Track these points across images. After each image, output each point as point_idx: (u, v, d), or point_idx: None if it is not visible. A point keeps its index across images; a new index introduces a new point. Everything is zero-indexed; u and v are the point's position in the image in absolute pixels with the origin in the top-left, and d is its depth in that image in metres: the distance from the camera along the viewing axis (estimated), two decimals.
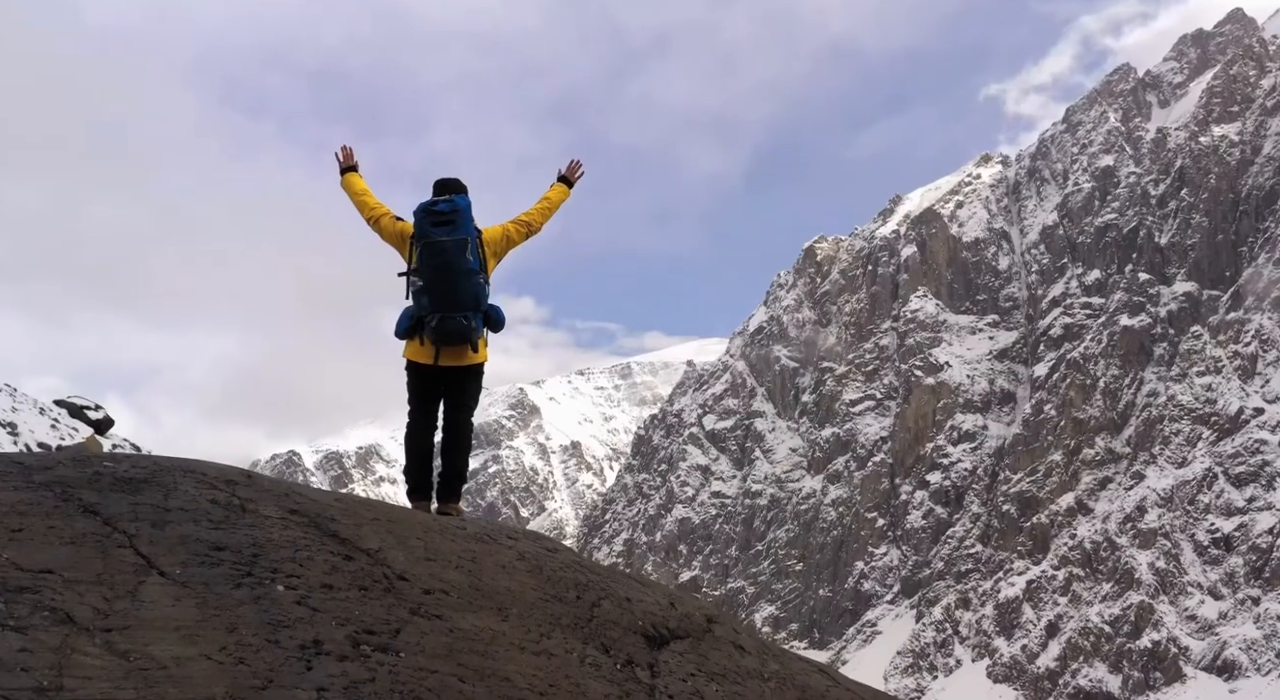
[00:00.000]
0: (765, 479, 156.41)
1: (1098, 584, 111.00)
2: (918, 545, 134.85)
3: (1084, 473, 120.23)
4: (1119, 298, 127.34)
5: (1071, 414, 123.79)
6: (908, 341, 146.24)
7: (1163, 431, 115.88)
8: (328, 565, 3.64)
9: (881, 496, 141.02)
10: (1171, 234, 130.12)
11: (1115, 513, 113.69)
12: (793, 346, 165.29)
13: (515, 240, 6.92)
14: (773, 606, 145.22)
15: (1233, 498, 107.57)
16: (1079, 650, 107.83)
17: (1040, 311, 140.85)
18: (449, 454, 6.61)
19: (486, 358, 6.66)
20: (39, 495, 3.50)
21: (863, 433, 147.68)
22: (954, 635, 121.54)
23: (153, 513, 3.58)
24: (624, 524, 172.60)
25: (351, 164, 7.21)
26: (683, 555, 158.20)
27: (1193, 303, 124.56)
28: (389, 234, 6.75)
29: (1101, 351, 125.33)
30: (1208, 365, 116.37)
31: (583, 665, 3.72)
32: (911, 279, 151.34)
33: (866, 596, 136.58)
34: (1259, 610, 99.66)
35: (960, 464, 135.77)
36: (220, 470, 4.19)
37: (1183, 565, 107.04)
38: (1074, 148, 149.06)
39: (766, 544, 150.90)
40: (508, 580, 4.15)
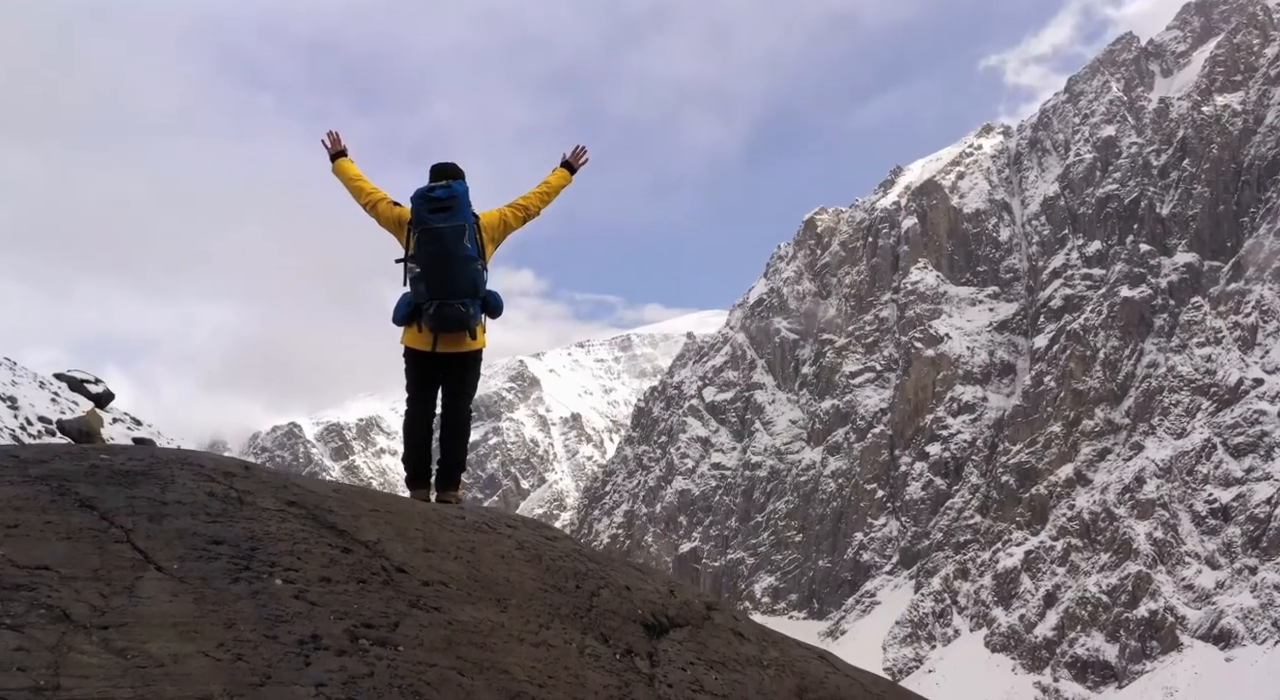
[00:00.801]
0: (765, 451, 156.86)
1: (1096, 554, 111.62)
2: (917, 516, 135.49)
3: (1083, 444, 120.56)
4: (1119, 269, 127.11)
5: (1071, 385, 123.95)
6: (908, 313, 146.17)
7: (1162, 402, 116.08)
8: (326, 558, 3.62)
9: (881, 468, 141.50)
10: (1173, 205, 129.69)
11: (1114, 483, 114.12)
12: (793, 318, 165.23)
13: (513, 226, 6.85)
14: (772, 577, 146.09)
15: (1231, 468, 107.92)
16: (1076, 620, 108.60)
17: (1041, 283, 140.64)
18: (448, 442, 6.58)
19: (485, 344, 6.61)
20: (35, 489, 3.47)
21: (862, 404, 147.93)
22: (952, 605, 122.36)
23: (150, 506, 3.56)
24: (624, 495, 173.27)
25: (340, 149, 7.11)
26: (682, 526, 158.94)
27: (1193, 274, 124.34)
28: (386, 220, 6.67)
29: (1102, 323, 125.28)
30: (1208, 336, 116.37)
31: (582, 656, 3.71)
32: (912, 251, 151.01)
33: (865, 567, 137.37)
34: (1256, 579, 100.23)
35: (960, 435, 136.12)
36: (218, 462, 4.16)
37: (1180, 535, 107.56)
38: (1076, 118, 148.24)
39: (766, 515, 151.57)
40: (507, 570, 4.14)
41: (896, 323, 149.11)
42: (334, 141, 7.12)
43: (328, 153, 7.11)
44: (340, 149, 7.10)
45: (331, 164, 7.09)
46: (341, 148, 7.11)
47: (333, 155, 7.09)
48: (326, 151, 7.12)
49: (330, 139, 7.14)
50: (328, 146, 7.11)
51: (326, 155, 7.13)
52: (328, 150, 7.11)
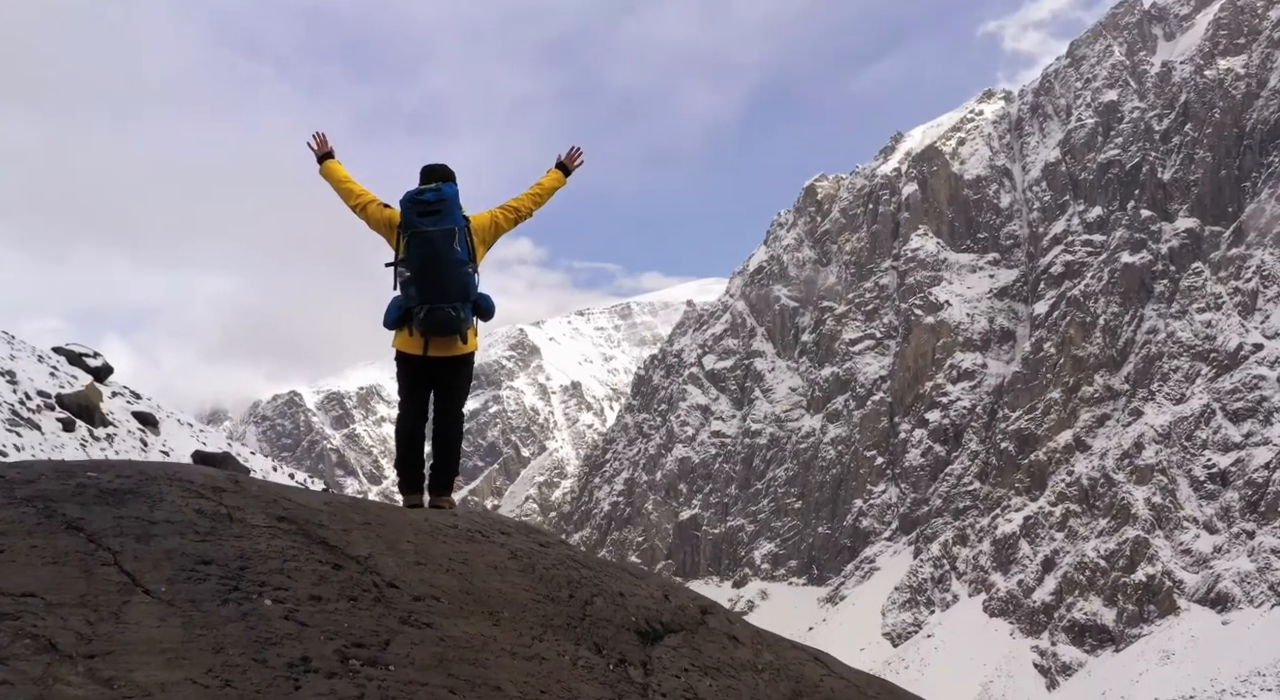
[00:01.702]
0: (765, 418, 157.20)
1: (1094, 520, 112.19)
2: (916, 483, 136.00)
3: (1082, 410, 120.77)
4: (1120, 235, 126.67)
5: (1071, 352, 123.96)
6: (908, 280, 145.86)
7: (1161, 368, 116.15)
8: (316, 575, 3.59)
9: (880, 435, 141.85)
10: (1174, 170, 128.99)
11: (1113, 449, 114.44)
12: (793, 286, 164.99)
13: (504, 227, 6.79)
14: (772, 544, 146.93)
15: (1230, 433, 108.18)
16: (1074, 584, 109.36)
17: (1041, 249, 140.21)
18: (440, 446, 6.55)
19: (476, 347, 6.58)
20: (21, 512, 3.44)
21: (862, 372, 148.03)
22: (951, 571, 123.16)
23: (138, 526, 3.52)
24: (624, 463, 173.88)
25: (327, 150, 7.03)
26: (683, 494, 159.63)
27: (1194, 239, 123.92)
28: (375, 222, 6.61)
29: (1102, 289, 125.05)
30: (1208, 302, 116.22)
31: (575, 668, 3.69)
32: (912, 217, 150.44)
33: (865, 533, 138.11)
34: (1253, 544, 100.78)
35: (959, 402, 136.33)
36: (207, 477, 4.12)
37: (1179, 500, 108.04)
38: (1077, 83, 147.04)
39: (766, 482, 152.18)
40: (499, 582, 4.11)
41: (896, 290, 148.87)
42: (320, 143, 7.04)
43: (315, 155, 7.03)
44: (327, 150, 7.03)
45: (319, 165, 7.01)
46: (328, 149, 7.03)
47: (319, 157, 7.01)
48: (313, 154, 7.03)
49: (317, 141, 7.05)
50: (314, 149, 7.03)
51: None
52: (314, 152, 7.03)
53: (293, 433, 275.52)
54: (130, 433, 26.51)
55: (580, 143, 7.23)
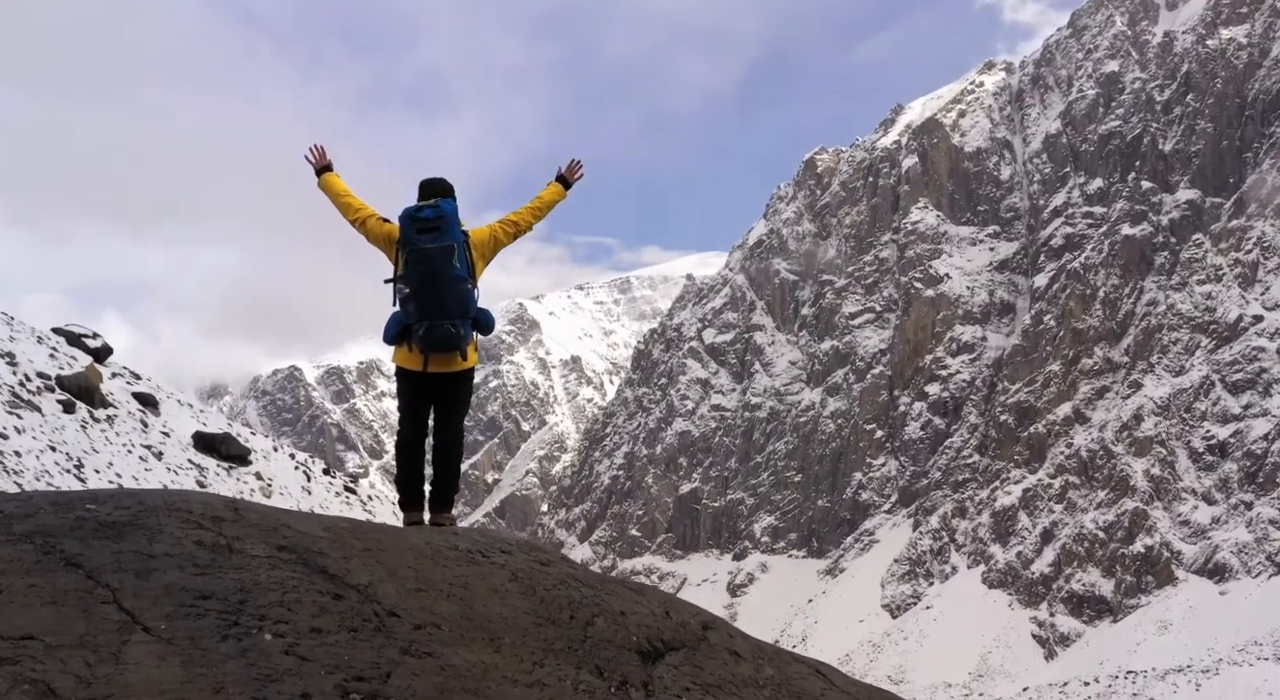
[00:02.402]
0: (765, 392, 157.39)
1: (1093, 492, 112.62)
2: (915, 456, 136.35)
3: (1082, 382, 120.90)
4: (1121, 207, 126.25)
5: (1071, 324, 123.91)
6: (908, 253, 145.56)
7: (1161, 340, 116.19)
8: (316, 607, 3.58)
9: (880, 408, 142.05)
10: (1176, 141, 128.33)
11: (1112, 421, 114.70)
12: (792, 259, 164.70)
13: (503, 242, 6.77)
14: (772, 517, 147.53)
15: (1229, 405, 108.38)
16: (1073, 556, 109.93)
17: (1041, 222, 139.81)
18: (440, 463, 6.56)
19: (476, 363, 6.57)
20: (19, 549, 3.41)
21: (862, 345, 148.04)
22: (950, 543, 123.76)
23: (137, 561, 3.51)
24: (624, 437, 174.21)
25: (326, 163, 6.98)
26: (683, 468, 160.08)
27: (1195, 210, 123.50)
28: (375, 237, 6.58)
29: (1102, 261, 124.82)
30: (1208, 273, 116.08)
31: (576, 692, 3.68)
32: (912, 190, 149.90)
33: (864, 506, 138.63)
34: (1251, 514, 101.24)
35: (959, 375, 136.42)
36: (206, 505, 4.10)
37: (1177, 472, 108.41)
38: (1079, 53, 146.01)
39: (766, 456, 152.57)
40: (500, 606, 4.10)
41: (896, 263, 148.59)
42: (319, 156, 6.99)
43: (313, 168, 6.98)
44: (325, 163, 6.98)
45: (317, 179, 6.97)
46: (327, 162, 6.98)
47: (318, 170, 6.96)
48: (311, 167, 6.98)
49: (315, 154, 7.01)
50: (312, 162, 6.98)
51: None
52: (313, 165, 6.97)
53: (293, 407, 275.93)
54: (130, 414, 26.54)
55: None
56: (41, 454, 19.38)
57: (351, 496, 35.97)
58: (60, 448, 20.38)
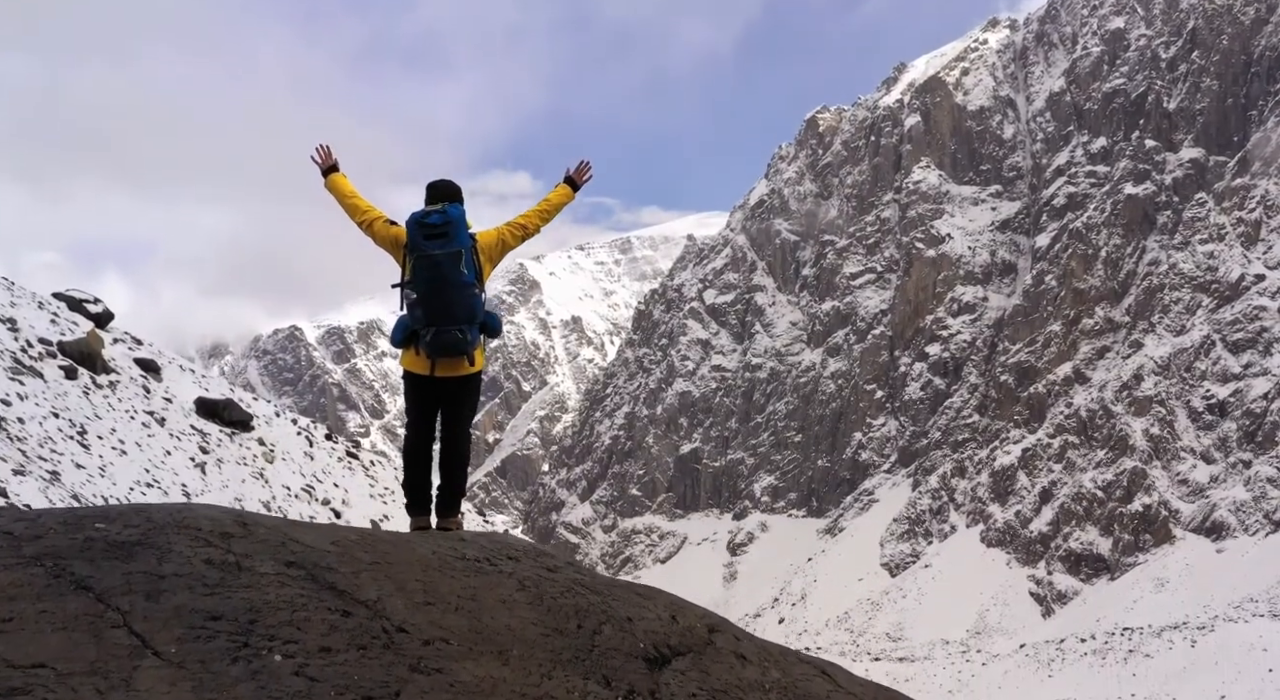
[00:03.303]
0: (765, 352, 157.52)
1: (1092, 451, 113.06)
2: (915, 416, 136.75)
3: (1083, 342, 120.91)
4: (1124, 165, 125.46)
5: (1072, 284, 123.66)
6: (909, 213, 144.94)
7: (1162, 300, 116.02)
8: (325, 625, 3.59)
9: (880, 369, 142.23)
10: (1180, 99, 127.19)
11: (1112, 381, 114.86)
12: (794, 220, 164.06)
13: (511, 245, 6.73)
14: (772, 476, 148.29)
15: (1229, 364, 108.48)
16: (1071, 515, 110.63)
17: (1044, 181, 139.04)
18: (448, 468, 6.57)
19: (483, 366, 6.56)
20: (29, 573, 3.42)
21: (863, 306, 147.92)
22: (949, 502, 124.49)
23: (146, 582, 3.51)
24: (625, 398, 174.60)
25: (332, 163, 6.91)
26: (683, 428, 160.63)
27: (1199, 169, 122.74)
28: (382, 239, 6.55)
29: (1104, 221, 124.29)
30: (1211, 233, 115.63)
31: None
32: (914, 150, 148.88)
33: (864, 466, 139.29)
34: (1249, 473, 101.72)
35: (960, 336, 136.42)
36: (215, 521, 4.10)
37: (1176, 431, 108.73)
38: (1084, 10, 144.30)
39: (766, 416, 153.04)
40: (508, 617, 4.12)
41: (898, 223, 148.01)
42: (325, 156, 6.93)
43: (319, 168, 6.92)
44: (331, 163, 6.92)
45: (323, 179, 6.91)
46: (333, 162, 6.92)
47: (324, 170, 6.91)
48: (317, 167, 6.92)
49: (321, 154, 6.94)
50: (318, 162, 6.92)
51: (318, 170, 6.94)
52: (318, 166, 6.92)
53: (294, 367, 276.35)
54: (133, 379, 26.57)
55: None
56: (44, 421, 19.40)
57: (354, 461, 36.12)
58: (63, 414, 20.39)
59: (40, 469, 16.46)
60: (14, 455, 16.37)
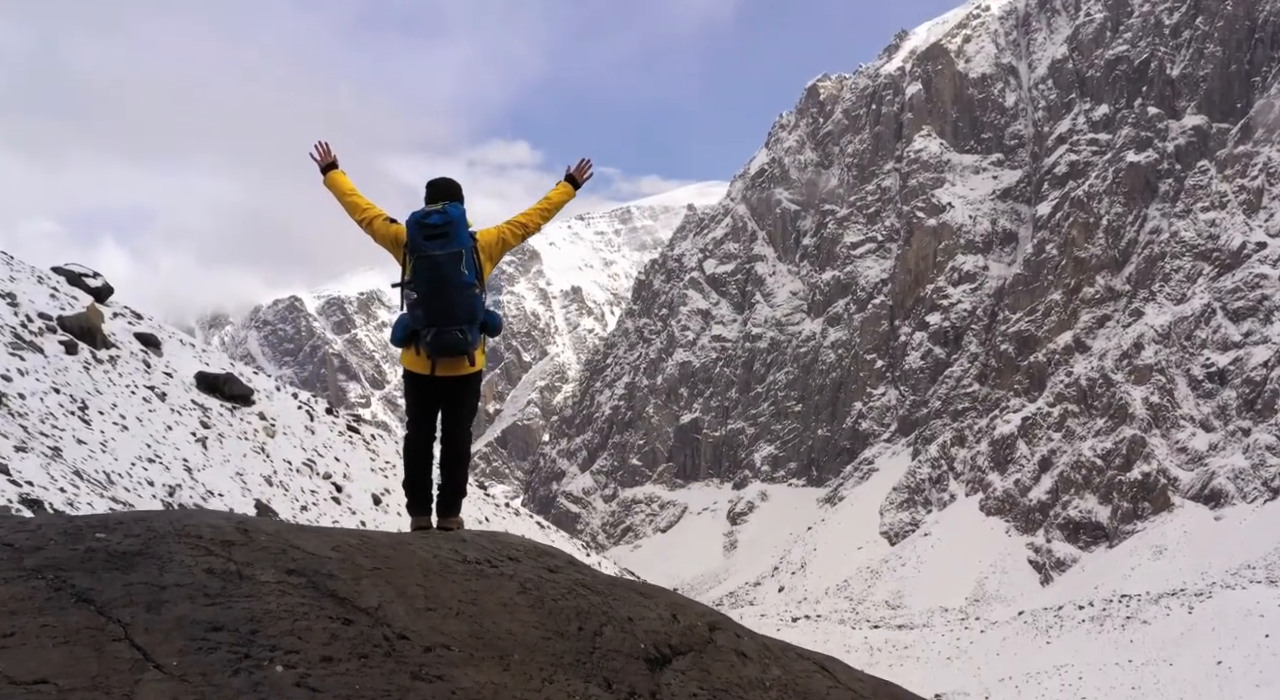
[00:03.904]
0: (765, 322, 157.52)
1: (1091, 420, 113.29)
2: (915, 385, 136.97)
3: (1083, 311, 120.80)
4: (1126, 133, 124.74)
5: (1073, 253, 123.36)
6: (910, 182, 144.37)
7: (1164, 268, 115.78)
8: (326, 634, 3.59)
9: (881, 338, 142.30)
10: (1184, 65, 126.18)
11: (1112, 350, 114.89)
12: (794, 189, 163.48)
13: (511, 243, 6.74)
14: (772, 446, 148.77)
15: (1229, 332, 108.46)
16: (1070, 483, 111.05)
17: (1046, 149, 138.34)
18: (448, 467, 6.60)
19: (484, 365, 6.57)
20: (30, 586, 3.42)
21: (863, 275, 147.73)
22: (949, 471, 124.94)
23: (147, 593, 3.51)
24: (625, 368, 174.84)
25: (331, 160, 6.89)
26: (683, 398, 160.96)
27: (1201, 137, 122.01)
28: (382, 238, 6.54)
29: (1106, 189, 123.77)
30: (1213, 200, 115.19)
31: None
32: (916, 118, 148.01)
33: (864, 436, 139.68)
34: (1249, 441, 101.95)
35: (960, 305, 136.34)
36: (215, 529, 4.09)
37: (1176, 399, 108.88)
38: None
39: (766, 386, 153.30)
40: (509, 621, 4.13)
41: (899, 192, 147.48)
42: (324, 154, 6.90)
43: (318, 165, 6.89)
44: (331, 160, 6.89)
45: (322, 176, 6.89)
46: (332, 159, 6.90)
47: (323, 168, 6.88)
48: (316, 164, 6.90)
49: (320, 150, 6.91)
50: (317, 159, 6.89)
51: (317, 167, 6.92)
52: (317, 163, 6.89)
53: (294, 338, 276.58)
54: (133, 354, 26.58)
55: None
56: (45, 396, 19.40)
57: (355, 436, 36.20)
58: (64, 390, 20.39)
59: (42, 445, 16.49)
60: (15, 431, 16.37)
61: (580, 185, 7.19)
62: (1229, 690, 68.95)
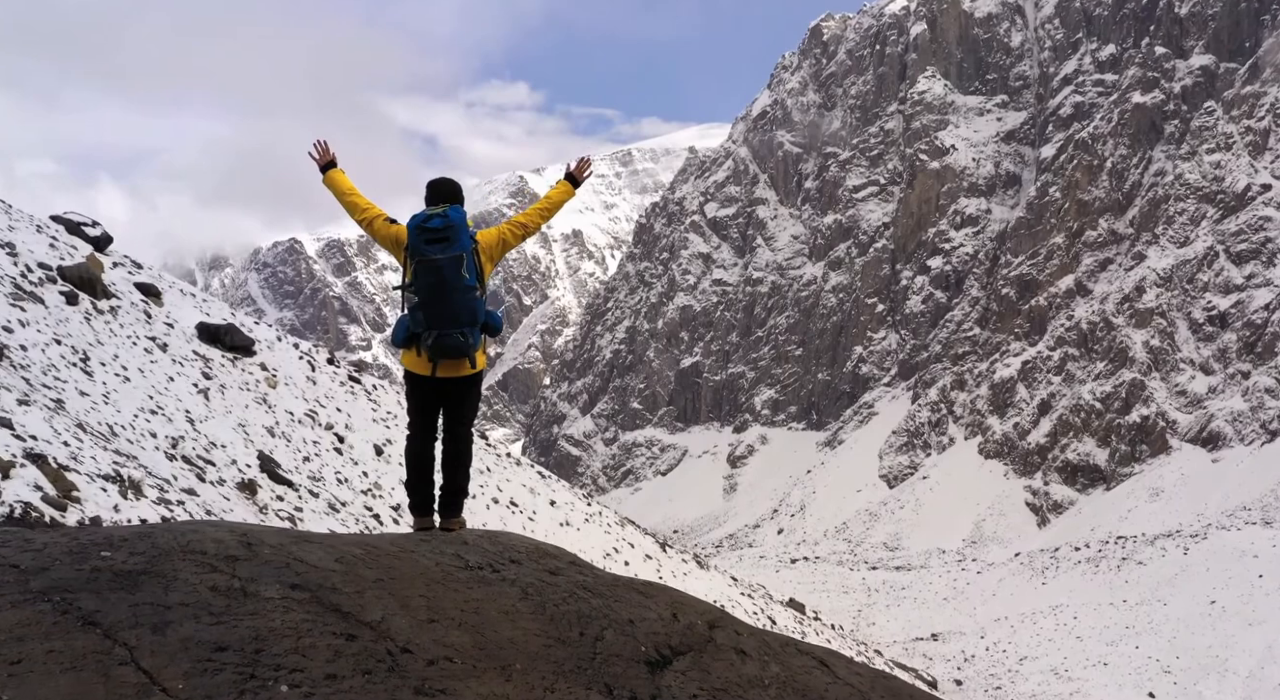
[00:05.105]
0: (766, 266, 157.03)
1: (1092, 363, 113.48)
2: (916, 330, 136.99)
3: (1085, 255, 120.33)
4: (1133, 73, 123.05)
5: (1076, 196, 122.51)
6: (913, 125, 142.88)
7: (1167, 211, 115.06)
8: (330, 651, 3.63)
9: (882, 282, 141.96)
10: (1192, 3, 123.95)
11: (1113, 293, 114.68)
12: (796, 131, 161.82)
13: (511, 243, 6.72)
14: (772, 390, 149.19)
15: (1232, 275, 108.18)
16: (1069, 426, 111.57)
17: (1051, 90, 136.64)
18: (450, 468, 6.63)
19: (484, 365, 6.57)
20: (37, 611, 3.44)
21: (865, 219, 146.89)
22: (948, 415, 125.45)
23: (153, 613, 3.54)
24: (626, 312, 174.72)
25: (330, 159, 6.81)
26: (684, 342, 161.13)
27: (1209, 77, 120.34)
28: (382, 238, 6.52)
29: (1111, 131, 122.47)
30: (1218, 142, 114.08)
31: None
32: (920, 58, 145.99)
33: (864, 380, 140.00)
34: (1248, 383, 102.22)
35: (962, 248, 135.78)
36: (219, 543, 4.11)
37: (1176, 343, 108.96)
38: None
39: (767, 330, 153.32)
40: (511, 630, 4.17)
41: (902, 134, 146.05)
42: (323, 152, 6.83)
43: (316, 164, 6.82)
44: (330, 159, 6.82)
45: (321, 175, 6.83)
46: (331, 158, 6.83)
47: (322, 167, 6.82)
48: (315, 163, 6.82)
49: (319, 149, 6.84)
50: (316, 158, 6.82)
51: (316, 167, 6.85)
52: (316, 162, 6.82)
53: (294, 280, 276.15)
54: (134, 304, 26.51)
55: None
56: (47, 348, 19.39)
57: (356, 386, 36.29)
58: (65, 341, 20.37)
59: (44, 398, 16.51)
60: (18, 384, 16.38)
61: (580, 184, 7.14)
62: (1221, 629, 70.03)
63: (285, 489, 20.75)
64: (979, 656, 76.18)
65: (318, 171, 6.87)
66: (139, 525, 4.19)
